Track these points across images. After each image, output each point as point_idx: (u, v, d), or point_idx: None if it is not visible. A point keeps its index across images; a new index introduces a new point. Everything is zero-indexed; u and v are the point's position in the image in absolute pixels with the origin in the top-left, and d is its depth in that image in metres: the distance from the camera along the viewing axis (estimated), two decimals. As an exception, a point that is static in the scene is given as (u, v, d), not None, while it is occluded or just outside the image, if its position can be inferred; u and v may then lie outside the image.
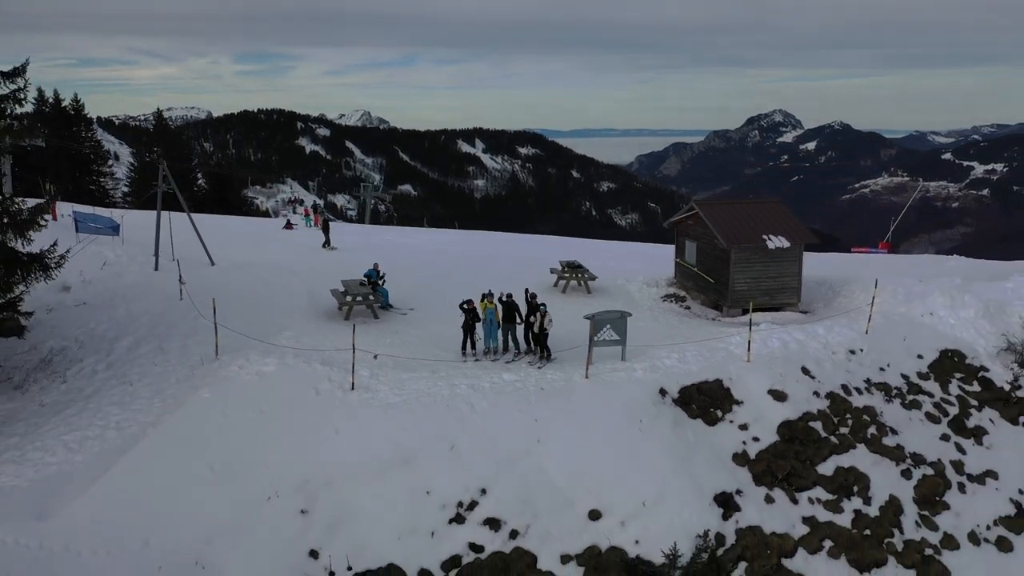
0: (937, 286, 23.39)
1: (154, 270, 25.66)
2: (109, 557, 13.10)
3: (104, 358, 19.79)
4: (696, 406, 17.74)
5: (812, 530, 16.28)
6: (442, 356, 19.56)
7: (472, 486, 15.07)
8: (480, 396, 17.19)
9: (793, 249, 23.63)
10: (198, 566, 13.29)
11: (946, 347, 21.23)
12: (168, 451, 15.10)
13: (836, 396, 18.88)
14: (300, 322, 21.73)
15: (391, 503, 14.66)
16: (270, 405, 16.39)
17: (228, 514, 14.08)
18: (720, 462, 16.74)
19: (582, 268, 26.65)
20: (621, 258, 40.27)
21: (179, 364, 19.15)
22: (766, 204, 25.01)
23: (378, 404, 16.73)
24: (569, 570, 14.45)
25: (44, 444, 15.79)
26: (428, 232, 55.98)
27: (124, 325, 21.49)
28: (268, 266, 27.57)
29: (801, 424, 17.97)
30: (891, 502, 17.17)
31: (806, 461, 17.46)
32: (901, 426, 18.75)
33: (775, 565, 15.53)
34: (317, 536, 14.06)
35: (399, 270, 26.93)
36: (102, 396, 17.86)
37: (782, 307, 23.98)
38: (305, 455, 15.31)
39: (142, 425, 16.29)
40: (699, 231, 25.07)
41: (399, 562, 13.93)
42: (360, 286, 23.06)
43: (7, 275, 17.85)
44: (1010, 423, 19.73)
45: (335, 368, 18.01)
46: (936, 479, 17.94)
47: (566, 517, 14.98)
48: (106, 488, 14.14)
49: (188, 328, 21.04)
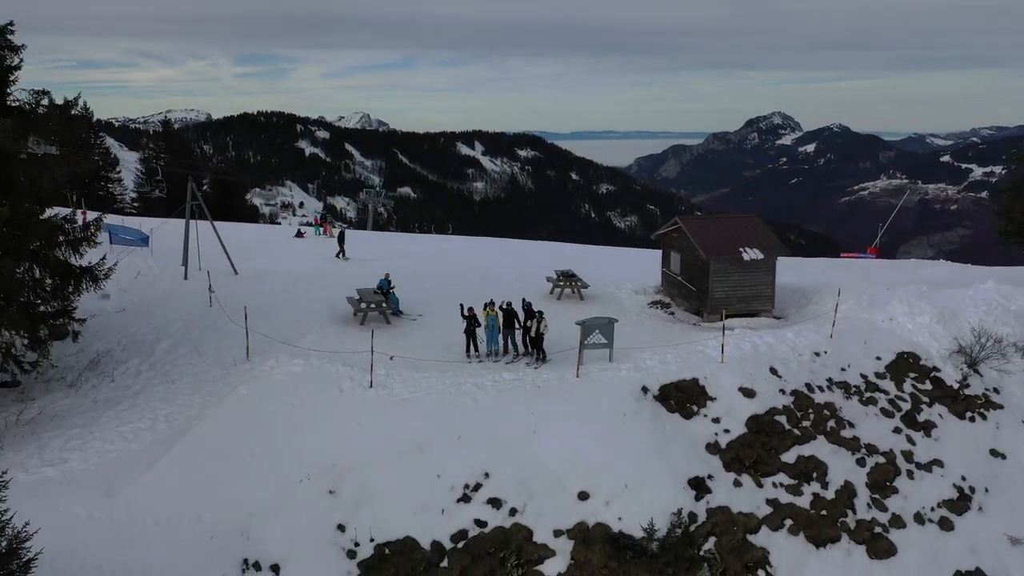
0: (897, 294, 25.73)
1: (184, 279, 27.97)
2: (169, 528, 15.38)
3: (146, 359, 22.10)
4: (674, 402, 20.05)
5: (775, 510, 18.56)
6: (449, 357, 21.90)
7: (477, 470, 17.35)
8: (483, 393, 19.50)
9: (767, 260, 25.97)
10: (243, 536, 15.57)
11: (903, 349, 23.55)
12: (214, 439, 17.38)
13: (800, 393, 21.20)
14: (320, 327, 24.06)
15: (407, 485, 16.93)
16: (300, 400, 18.69)
17: (267, 493, 16.36)
18: (694, 451, 19.03)
19: (575, 277, 29.00)
20: (616, 264, 42.61)
21: (214, 365, 21.47)
22: (743, 219, 27.39)
23: (394, 399, 19.03)
24: (561, 543, 16.72)
25: (103, 435, 18.08)
26: (434, 239, 58.20)
27: (161, 329, 23.81)
28: (288, 275, 29.92)
29: (767, 418, 20.28)
30: (846, 486, 19.45)
31: (771, 450, 19.75)
32: (858, 420, 21.06)
33: (741, 540, 17.81)
34: (344, 512, 16.33)
35: (408, 279, 29.24)
36: (148, 393, 20.16)
37: (757, 313, 26.31)
38: (332, 443, 17.59)
39: (187, 418, 18.58)
40: (682, 243, 27.42)
41: (414, 535, 16.21)
42: (373, 294, 25.38)
43: (63, 286, 20.10)
44: (957, 418, 22.03)
45: (355, 368, 20.32)
46: (887, 467, 20.24)
47: (558, 497, 17.24)
48: (163, 471, 16.42)
49: (219, 332, 23.36)
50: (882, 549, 18.56)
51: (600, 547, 16.65)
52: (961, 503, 19.98)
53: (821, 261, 67.73)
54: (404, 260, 37.28)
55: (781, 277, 27.95)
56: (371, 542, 15.98)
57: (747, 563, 17.47)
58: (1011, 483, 20.71)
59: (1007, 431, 21.92)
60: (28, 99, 19.09)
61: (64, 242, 19.98)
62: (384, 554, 15.84)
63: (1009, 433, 21.90)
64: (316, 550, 15.64)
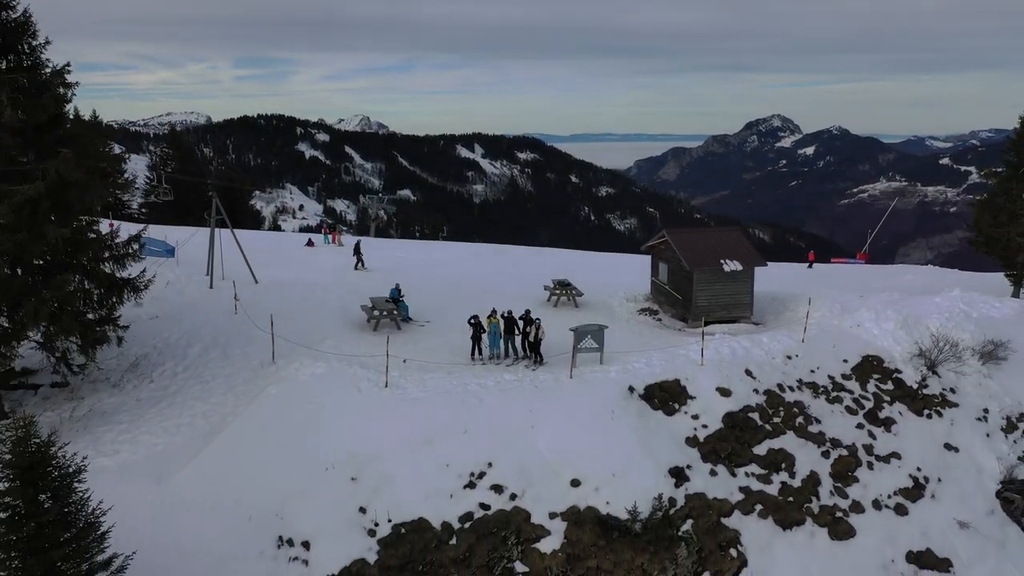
0: (866, 302, 27.99)
1: (209, 288, 30.24)
2: (212, 510, 17.61)
3: (181, 362, 24.38)
4: (657, 400, 22.30)
5: (746, 496, 20.80)
6: (455, 360, 24.18)
7: (481, 460, 19.57)
8: (486, 392, 21.76)
9: (746, 271, 28.26)
10: (278, 517, 17.82)
11: (868, 353, 25.83)
12: (249, 433, 19.63)
13: (772, 393, 23.46)
14: (337, 332, 26.34)
15: (419, 473, 19.15)
16: (323, 398, 20.93)
17: (297, 480, 18.59)
18: (675, 443, 21.27)
19: (571, 285, 31.28)
20: (611, 271, 44.90)
21: (243, 367, 23.75)
22: (725, 232, 29.69)
23: (407, 398, 21.27)
24: (555, 524, 18.92)
25: (149, 429, 20.36)
26: (439, 248, 60.33)
27: (192, 335, 26.09)
28: (304, 284, 32.20)
29: (742, 415, 22.53)
30: (811, 476, 21.71)
31: (744, 444, 22.00)
32: (824, 417, 23.32)
33: (715, 523, 20.04)
34: (364, 497, 18.56)
35: (416, 288, 31.53)
36: (185, 392, 22.44)
37: (737, 319, 28.59)
38: (352, 437, 19.81)
39: (222, 415, 20.85)
40: (669, 255, 29.71)
41: (427, 516, 18.43)
42: (385, 302, 27.66)
43: (108, 296, 22.36)
44: (915, 415, 24.29)
45: (371, 370, 22.58)
46: (849, 458, 22.50)
47: (553, 484, 19.46)
48: (206, 460, 18.67)
49: (245, 338, 25.64)
50: (842, 531, 20.79)
51: (590, 528, 18.89)
52: (915, 491, 22.23)
53: (808, 267, 70.05)
54: (411, 268, 39.58)
55: (769, 285, 30.25)
56: (389, 522, 18.20)
57: (720, 543, 19.70)
58: (962, 474, 22.97)
59: (961, 427, 24.19)
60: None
61: (109, 257, 22.24)
62: (400, 533, 18.07)
63: (963, 429, 24.17)
64: (341, 529, 17.86)
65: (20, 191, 18.49)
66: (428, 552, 17.87)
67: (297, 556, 17.28)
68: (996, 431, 24.45)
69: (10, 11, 20.32)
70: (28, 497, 13.28)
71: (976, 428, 24.29)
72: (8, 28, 20.17)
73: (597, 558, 18.46)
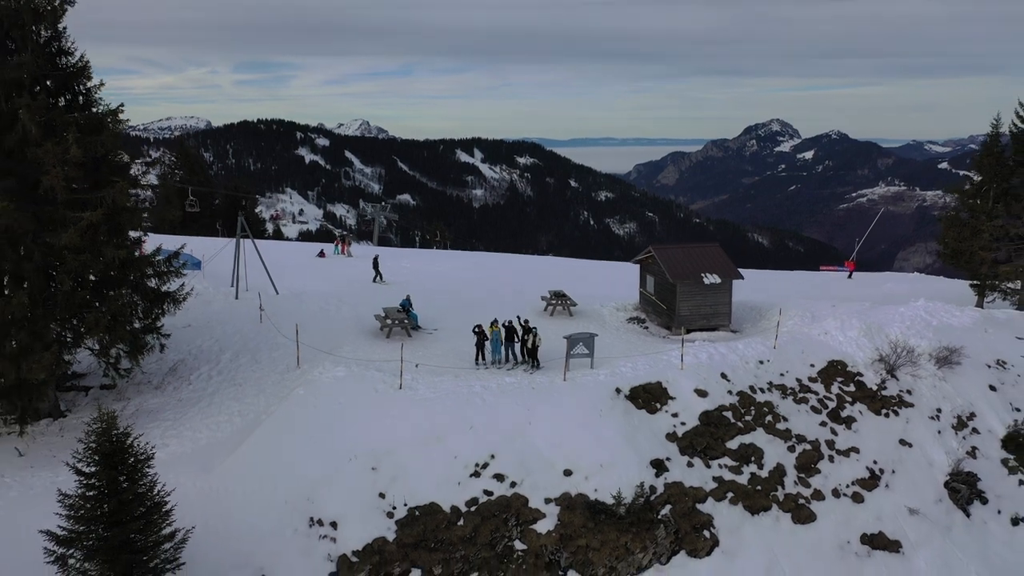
0: (832, 312, 30.76)
1: (235, 299, 33.00)
2: (254, 495, 20.31)
3: (214, 366, 27.12)
4: (641, 400, 25.05)
5: (719, 485, 23.51)
6: (461, 365, 26.93)
7: (484, 453, 22.27)
8: (489, 393, 24.49)
9: (724, 283, 31.06)
10: (309, 501, 20.51)
11: (833, 358, 28.58)
12: (281, 429, 22.34)
13: (744, 394, 26.21)
14: (354, 339, 29.09)
15: (431, 464, 21.84)
16: (345, 398, 23.65)
17: (324, 469, 21.28)
18: (656, 439, 24.00)
19: (565, 296, 34.06)
20: (605, 280, 47.70)
21: (271, 371, 26.50)
22: (706, 247, 32.48)
23: (419, 398, 23.99)
24: (550, 508, 21.61)
25: (192, 426, 23.10)
26: (446, 257, 62.94)
27: (222, 342, 28.84)
28: (320, 294, 34.98)
29: (716, 413, 25.27)
30: (777, 467, 24.44)
31: (718, 439, 24.73)
32: (791, 415, 26.06)
33: (691, 508, 22.77)
34: (383, 484, 21.23)
35: (424, 298, 34.28)
36: (221, 393, 25.18)
37: (717, 327, 31.36)
38: (372, 432, 22.51)
39: (256, 413, 23.59)
40: (655, 268, 32.50)
41: (438, 501, 21.12)
42: (396, 312, 30.42)
43: (152, 308, 25.10)
44: (874, 414, 27.03)
45: (386, 373, 25.32)
46: (812, 452, 25.25)
47: (548, 474, 22.15)
48: (245, 452, 21.38)
49: (271, 344, 28.39)
50: (804, 516, 23.51)
51: (580, 511, 21.60)
52: (871, 481, 24.97)
53: (799, 274, 72.99)
54: (418, 279, 42.34)
55: (753, 294, 32.99)
56: (405, 506, 20.89)
57: (695, 525, 22.43)
58: (914, 466, 25.71)
59: (915, 425, 26.94)
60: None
61: (153, 273, 24.99)
62: (415, 515, 20.77)
63: (916, 427, 26.91)
64: (363, 512, 20.54)
65: (83, 217, 21.24)
66: (439, 532, 20.56)
67: (326, 534, 19.97)
68: (947, 428, 27.18)
69: (69, 56, 23.08)
70: (110, 479, 16.00)
71: (929, 426, 27.02)
72: (68, 72, 22.94)
73: (586, 538, 21.16)
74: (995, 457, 26.84)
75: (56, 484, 19.84)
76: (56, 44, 22.75)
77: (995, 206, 37.53)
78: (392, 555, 19.81)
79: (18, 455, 21.94)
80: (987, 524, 24.88)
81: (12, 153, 21.48)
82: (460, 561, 20.26)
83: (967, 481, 25.43)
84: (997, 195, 37.52)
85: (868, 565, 22.87)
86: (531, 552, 20.73)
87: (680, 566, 21.62)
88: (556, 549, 20.87)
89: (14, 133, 21.15)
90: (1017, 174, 37.52)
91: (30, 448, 22.34)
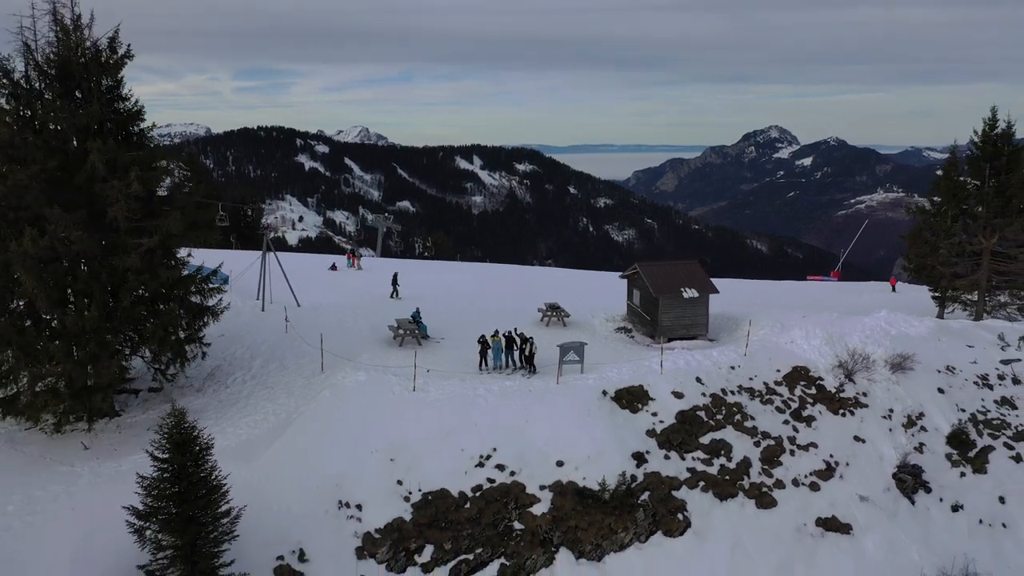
0: (798, 322, 34.25)
1: (261, 311, 36.47)
2: (290, 482, 23.67)
3: (247, 372, 30.58)
4: (625, 401, 28.50)
5: (692, 475, 26.93)
6: (467, 370, 30.39)
7: (487, 446, 25.67)
8: (491, 395, 27.91)
9: (702, 297, 34.57)
10: (337, 487, 23.88)
11: (797, 364, 32.04)
12: (311, 426, 25.73)
13: (716, 396, 29.66)
14: (370, 347, 32.54)
15: (441, 455, 25.23)
16: (366, 399, 27.07)
17: (350, 461, 24.67)
18: (638, 434, 27.44)
19: (560, 308, 37.57)
20: (599, 292, 51.09)
21: (298, 375, 29.94)
22: (686, 264, 36.07)
23: (430, 399, 27.42)
24: (544, 494, 24.98)
25: (233, 423, 26.53)
26: (450, 270, 66.35)
27: (253, 350, 32.30)
28: (337, 307, 38.48)
29: (691, 412, 28.72)
30: (744, 460, 27.86)
31: (692, 435, 28.18)
32: (757, 415, 29.50)
33: (667, 494, 26.18)
34: (400, 473, 24.61)
35: (432, 310, 37.74)
36: (256, 395, 28.64)
37: (695, 337, 34.83)
38: (389, 429, 25.91)
39: (288, 412, 27.02)
40: (640, 283, 36.01)
41: (447, 487, 24.48)
42: (408, 323, 33.90)
43: (195, 320, 28.56)
44: (832, 414, 30.47)
45: (400, 377, 28.74)
46: (776, 447, 28.68)
47: (543, 464, 25.54)
48: (281, 446, 24.79)
49: (296, 352, 31.84)
50: (767, 502, 26.93)
51: (570, 497, 25.02)
52: (827, 472, 28.40)
53: (787, 284, 76.45)
54: (426, 292, 45.80)
55: (732, 306, 36.42)
56: (419, 491, 24.29)
57: (670, 509, 25.85)
58: (866, 460, 29.13)
59: (868, 423, 30.38)
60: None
61: (195, 291, 28.46)
62: (428, 499, 24.18)
63: (870, 425, 30.36)
64: (384, 496, 23.92)
65: (144, 244, 24.75)
66: (449, 513, 23.96)
67: (353, 515, 23.36)
68: (898, 427, 30.63)
69: (126, 102, 26.59)
70: (180, 464, 19.42)
71: (881, 424, 30.48)
72: (126, 116, 26.45)
73: (576, 519, 24.56)
74: (940, 452, 30.27)
75: (120, 472, 23.41)
76: (116, 91, 26.23)
77: (953, 225, 41.08)
78: (409, 533, 23.20)
79: (84, 448, 25.36)
80: (929, 511, 28.29)
81: (81, 188, 24.97)
82: (467, 538, 23.64)
83: (913, 473, 28.84)
84: (955, 215, 41.08)
85: (822, 545, 26.26)
86: (528, 531, 24.11)
87: (657, 544, 25.00)
88: (549, 529, 24.25)
89: (83, 171, 24.66)
90: (974, 196, 41.07)
91: (94, 443, 25.78)
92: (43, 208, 23.91)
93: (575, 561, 23.90)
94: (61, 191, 24.69)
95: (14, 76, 24.86)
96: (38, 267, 23.42)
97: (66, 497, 22.32)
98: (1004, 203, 39.94)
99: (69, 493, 22.51)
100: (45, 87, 25.33)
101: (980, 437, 31.09)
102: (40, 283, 23.39)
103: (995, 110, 39.89)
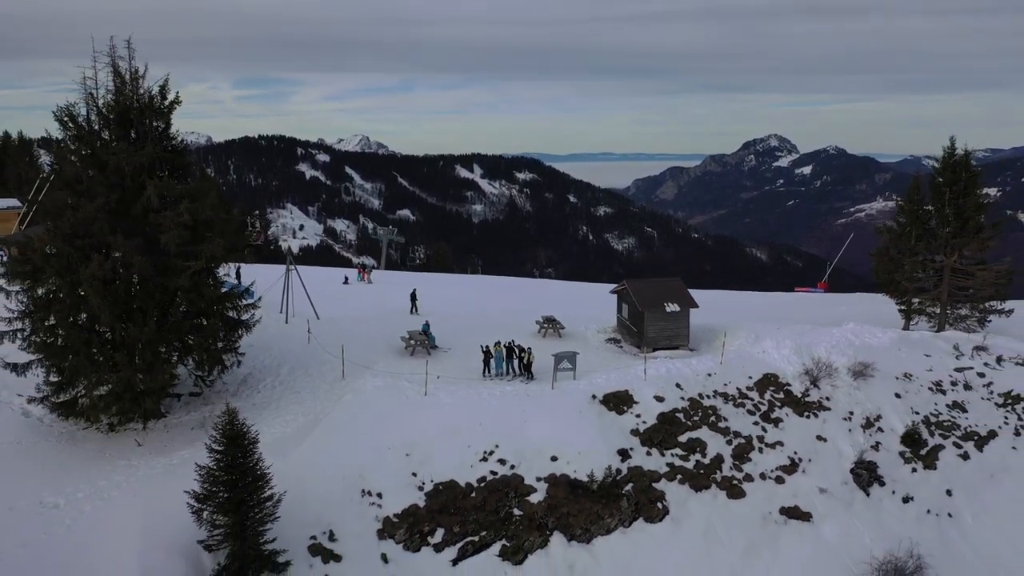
0: (774, 333, 37.94)
1: (285, 323, 40.18)
2: (320, 473, 27.25)
3: (276, 378, 34.26)
4: (612, 404, 32.12)
5: (671, 469, 30.47)
6: (472, 376, 34.06)
7: (491, 443, 29.21)
8: (494, 398, 31.55)
9: (683, 311, 38.27)
10: (360, 478, 27.45)
11: (768, 372, 35.67)
12: (336, 426, 29.34)
13: (694, 400, 33.28)
14: (384, 356, 36.22)
15: (450, 451, 28.78)
16: (384, 402, 30.72)
17: (371, 456, 28.22)
18: (623, 433, 31.03)
19: (555, 321, 41.28)
20: (595, 303, 54.73)
21: (321, 382, 33.61)
22: (670, 281, 39.82)
23: (440, 402, 31.03)
24: (540, 485, 28.45)
25: (267, 423, 30.16)
26: (454, 283, 69.97)
27: (280, 358, 35.99)
28: (353, 319, 42.21)
29: (671, 414, 32.33)
30: (717, 456, 31.42)
31: (672, 434, 31.75)
32: (730, 417, 33.10)
33: (648, 485, 29.73)
34: (414, 466, 28.18)
35: (439, 323, 41.45)
36: (285, 399, 32.30)
37: (678, 347, 38.52)
38: (404, 428, 29.49)
39: (315, 414, 30.67)
40: (628, 298, 39.73)
41: (456, 479, 27.99)
42: (418, 334, 37.59)
43: (232, 332, 32.24)
44: (798, 415, 34.05)
45: (413, 383, 32.40)
46: (746, 445, 32.24)
47: (539, 459, 29.07)
48: (311, 443, 28.40)
49: (319, 361, 35.53)
50: (736, 493, 30.44)
51: (563, 487, 28.60)
52: (791, 467, 31.94)
53: (776, 296, 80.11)
54: (433, 306, 49.50)
55: (714, 318, 40.06)
56: (431, 482, 27.85)
57: (651, 499, 29.40)
58: (827, 457, 32.59)
59: (830, 424, 33.93)
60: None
61: (232, 306, 32.17)
62: (439, 489, 27.77)
63: (832, 426, 33.89)
64: (401, 486, 27.50)
65: (192, 266, 28.49)
66: (457, 501, 27.54)
67: (374, 502, 26.95)
68: (857, 427, 34.17)
69: (173, 140, 30.33)
70: (232, 455, 23.05)
71: (841, 425, 34.05)
72: (172, 153, 30.20)
73: (567, 507, 28.11)
74: (894, 450, 33.79)
75: (171, 465, 27.09)
76: (166, 132, 29.97)
77: (916, 244, 44.83)
78: (423, 518, 26.80)
79: (138, 445, 29.04)
80: (882, 502, 31.78)
81: (137, 218, 28.70)
82: (473, 523, 27.23)
83: (868, 468, 32.37)
84: (918, 235, 44.85)
85: (784, 531, 29.74)
86: (526, 517, 27.67)
87: (639, 529, 28.52)
88: (545, 515, 27.82)
89: (139, 203, 28.40)
90: (935, 217, 44.84)
91: (145, 441, 29.46)
92: (106, 236, 27.62)
93: (567, 543, 27.40)
94: (120, 221, 28.41)
95: (79, 120, 28.60)
96: (103, 287, 27.11)
97: (127, 485, 25.95)
98: (962, 224, 43.72)
99: (129, 482, 26.14)
100: (103, 128, 29.08)
101: (932, 437, 34.59)
102: (104, 301, 27.07)
103: (953, 139, 43.70)
